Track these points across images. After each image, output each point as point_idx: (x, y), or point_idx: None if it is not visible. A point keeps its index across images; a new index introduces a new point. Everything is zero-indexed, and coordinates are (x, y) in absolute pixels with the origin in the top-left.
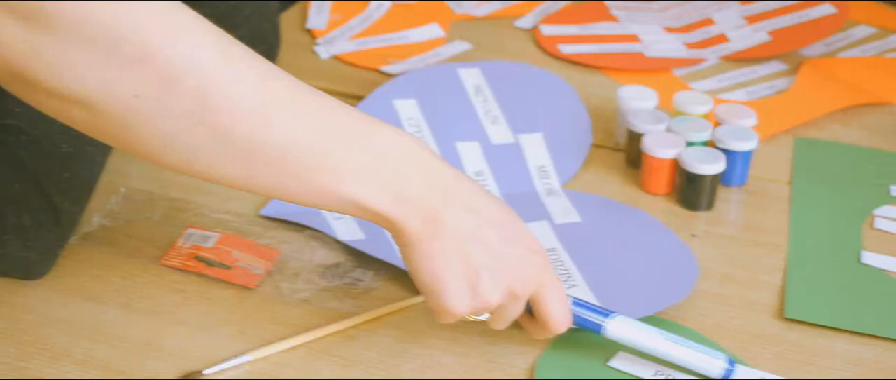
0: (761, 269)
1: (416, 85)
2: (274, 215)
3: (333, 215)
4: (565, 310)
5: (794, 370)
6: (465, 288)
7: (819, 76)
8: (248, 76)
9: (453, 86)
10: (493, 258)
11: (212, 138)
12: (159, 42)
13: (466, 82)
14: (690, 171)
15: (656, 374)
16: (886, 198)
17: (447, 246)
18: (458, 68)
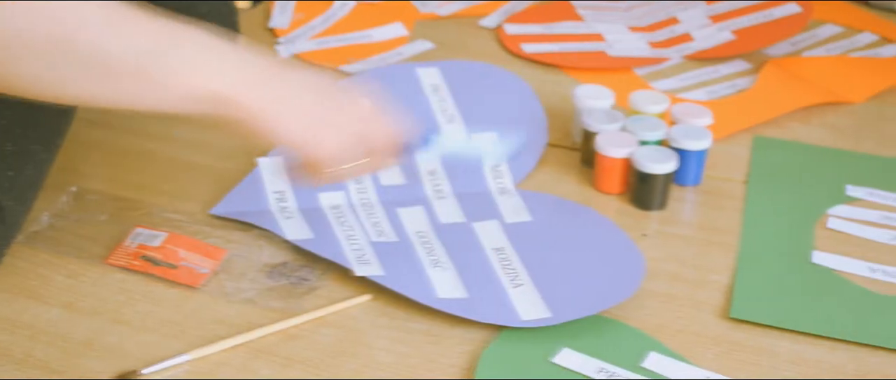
0: (711, 268)
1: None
2: (224, 215)
3: (283, 215)
4: (395, 139)
5: (736, 370)
6: (323, 127)
7: (781, 75)
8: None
9: (411, 85)
10: (325, 110)
11: (70, 61)
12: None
13: (424, 81)
14: (642, 170)
15: (599, 372)
16: (842, 197)
17: (292, 105)
18: (416, 68)
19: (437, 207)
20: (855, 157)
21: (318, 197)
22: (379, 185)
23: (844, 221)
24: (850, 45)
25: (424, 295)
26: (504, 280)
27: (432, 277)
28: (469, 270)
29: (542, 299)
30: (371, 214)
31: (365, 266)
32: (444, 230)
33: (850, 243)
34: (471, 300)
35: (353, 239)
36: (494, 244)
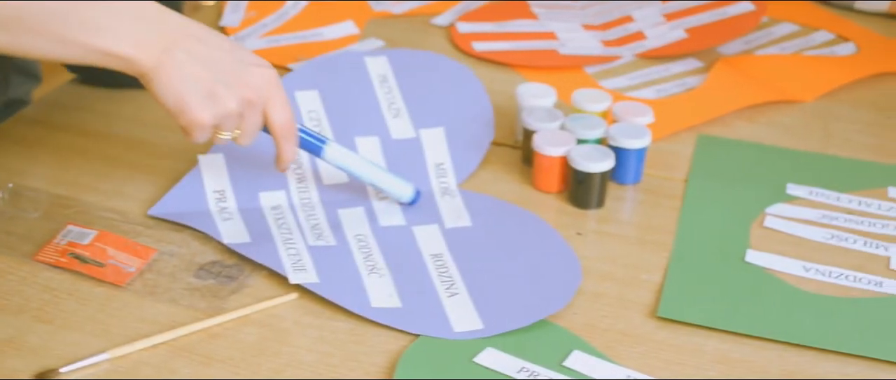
0: (643, 267)
1: (321, 73)
2: (161, 216)
3: (221, 217)
4: (290, 117)
5: (661, 369)
6: (205, 98)
7: (731, 74)
8: None
9: (359, 75)
10: (225, 73)
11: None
12: None
13: (372, 72)
14: (578, 168)
15: (520, 371)
16: (782, 196)
17: (184, 70)
18: (365, 56)
19: (377, 208)
20: (798, 155)
21: (259, 196)
22: (321, 185)
23: (782, 219)
24: (804, 44)
25: (358, 304)
26: (439, 289)
27: (368, 285)
28: (405, 277)
29: (475, 310)
30: (311, 215)
31: (300, 273)
32: (383, 234)
33: (786, 242)
34: (404, 311)
35: (291, 243)
36: (433, 250)
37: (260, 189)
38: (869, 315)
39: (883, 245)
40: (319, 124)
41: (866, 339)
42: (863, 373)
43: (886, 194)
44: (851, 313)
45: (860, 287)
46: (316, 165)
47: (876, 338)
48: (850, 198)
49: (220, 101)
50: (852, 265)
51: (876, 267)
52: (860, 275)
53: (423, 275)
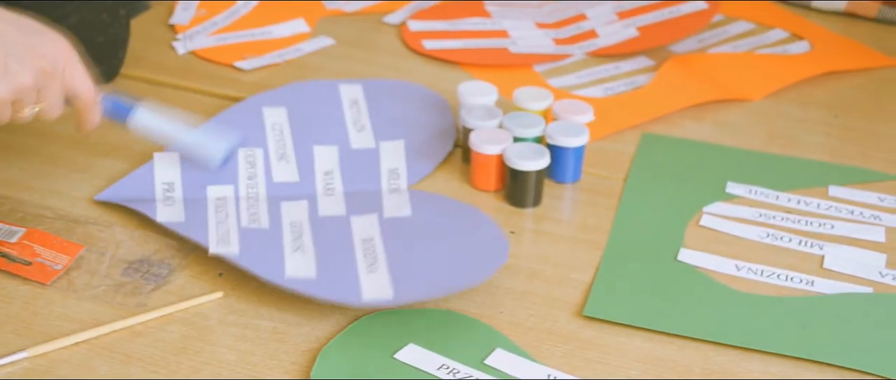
0: (574, 266)
1: (292, 95)
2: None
3: (162, 198)
4: (90, 85)
5: (582, 368)
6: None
7: (680, 72)
8: None
9: (331, 99)
10: (17, 45)
11: None
12: None
13: (344, 96)
14: (513, 167)
15: (440, 368)
16: (721, 195)
17: None
18: (339, 84)
19: (321, 201)
20: (741, 154)
21: (207, 189)
22: (270, 181)
23: (718, 218)
24: (758, 42)
25: (272, 274)
26: (361, 266)
27: (287, 258)
28: (328, 254)
29: (390, 282)
30: (252, 204)
31: (222, 246)
32: (320, 222)
33: (721, 241)
34: (316, 280)
35: (222, 224)
36: (365, 235)
37: (209, 183)
38: (797, 315)
39: (818, 244)
40: (281, 134)
41: (791, 338)
42: (786, 373)
43: (827, 193)
44: (779, 312)
45: (792, 286)
46: (269, 165)
47: (801, 337)
48: (790, 197)
49: (14, 75)
50: (786, 264)
51: (809, 266)
52: (793, 274)
53: (348, 254)
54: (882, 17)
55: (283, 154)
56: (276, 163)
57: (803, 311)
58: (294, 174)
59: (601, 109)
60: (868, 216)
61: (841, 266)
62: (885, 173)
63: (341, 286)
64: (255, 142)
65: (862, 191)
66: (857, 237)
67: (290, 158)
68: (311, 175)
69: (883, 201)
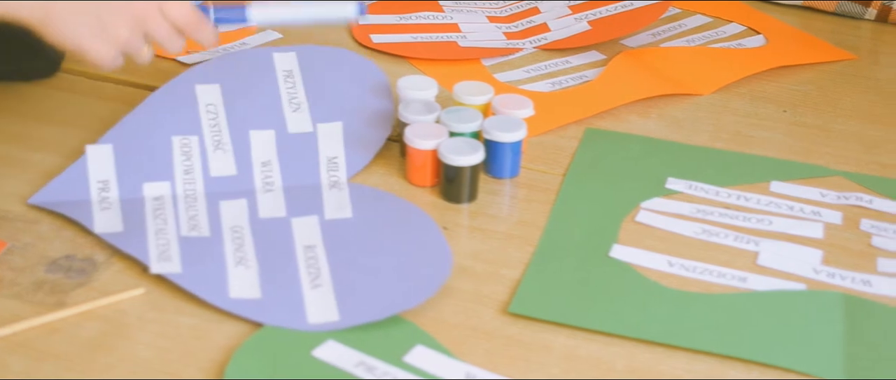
0: (504, 263)
1: (226, 68)
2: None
3: (100, 207)
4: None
5: (503, 366)
6: (97, 34)
7: (629, 67)
8: None
9: (264, 70)
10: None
11: None
12: None
13: (278, 67)
14: (447, 162)
15: (358, 365)
16: (660, 190)
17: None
18: (273, 52)
19: (260, 200)
20: (684, 149)
21: (143, 187)
22: (208, 176)
23: (655, 214)
24: (714, 36)
25: (216, 295)
26: (304, 281)
27: (231, 276)
28: (272, 269)
29: (335, 302)
30: (191, 206)
31: (164, 263)
32: (260, 226)
33: (655, 237)
34: (262, 302)
35: (163, 233)
36: (307, 241)
37: (145, 179)
38: (725, 311)
39: (754, 240)
40: (216, 117)
41: (718, 335)
42: (710, 370)
43: (768, 189)
44: (708, 309)
45: (723, 283)
46: (205, 156)
47: (728, 334)
48: (730, 192)
49: (111, 30)
50: (719, 261)
51: (743, 262)
52: (725, 270)
53: (291, 267)
54: (840, 11)
55: (219, 142)
56: (213, 153)
57: (732, 308)
58: (231, 167)
59: (545, 104)
60: (808, 212)
61: (775, 262)
62: (828, 169)
63: (286, 308)
64: (190, 128)
65: (804, 187)
66: (795, 233)
67: (227, 147)
68: (249, 167)
69: (825, 197)
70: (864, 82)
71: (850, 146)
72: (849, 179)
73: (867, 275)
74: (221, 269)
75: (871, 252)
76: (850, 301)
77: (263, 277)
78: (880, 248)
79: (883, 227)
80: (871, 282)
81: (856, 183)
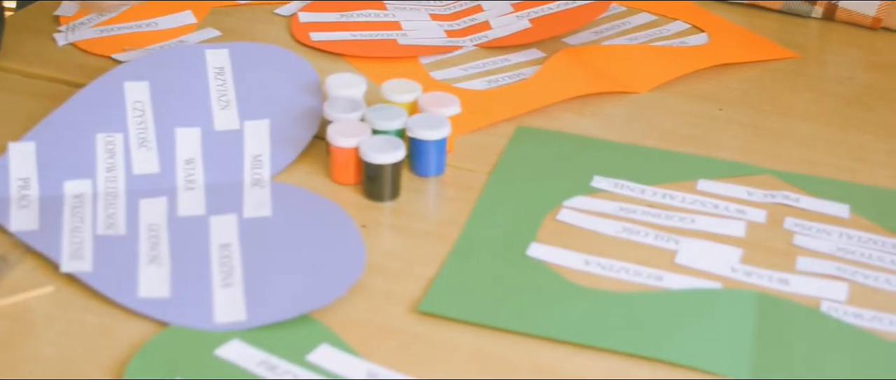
0: (419, 261)
1: (157, 65)
2: None
3: (19, 205)
4: None
5: (408, 364)
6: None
7: (567, 64)
8: None
9: (196, 67)
10: None
11: None
12: None
13: (210, 64)
14: (367, 160)
15: (260, 364)
16: (585, 189)
17: None
18: (206, 49)
19: (181, 198)
20: (614, 147)
21: (64, 185)
22: (131, 174)
23: (577, 212)
24: (657, 34)
25: (124, 294)
26: (215, 279)
27: (141, 274)
28: (184, 267)
29: (244, 301)
30: (110, 204)
31: (75, 262)
32: (178, 224)
33: (575, 236)
34: (170, 301)
35: (78, 231)
36: (223, 240)
37: (66, 177)
38: (637, 310)
39: (674, 239)
40: (143, 114)
41: (627, 334)
42: (617, 369)
43: (695, 187)
44: (620, 307)
45: (639, 281)
46: (129, 153)
47: (635, 333)
48: (655, 190)
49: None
50: (637, 259)
51: (661, 261)
52: (642, 269)
53: (204, 265)
54: (787, 9)
55: (144, 140)
56: (137, 151)
57: (644, 306)
58: (155, 164)
59: (478, 102)
60: (733, 211)
61: (693, 261)
62: (757, 167)
63: (194, 307)
64: (115, 125)
65: (732, 185)
66: (716, 232)
67: (152, 145)
68: (173, 164)
69: (751, 196)
70: (804, 80)
71: (782, 144)
72: (778, 177)
73: (785, 274)
74: (133, 267)
75: (791, 251)
76: (765, 300)
77: (174, 276)
78: (801, 246)
79: (807, 225)
80: (788, 281)
81: (784, 181)
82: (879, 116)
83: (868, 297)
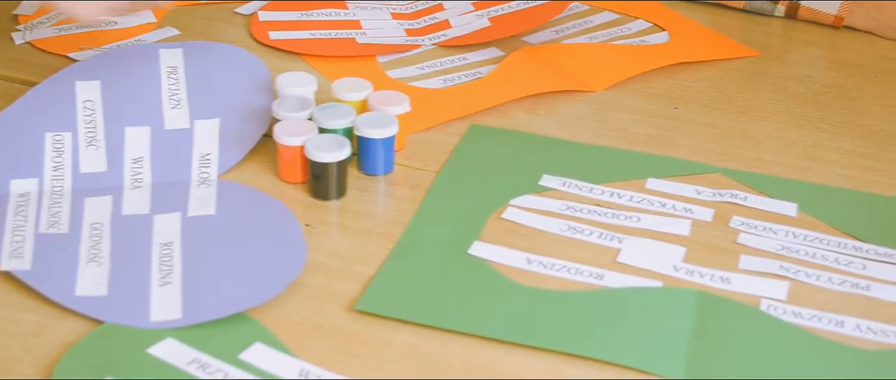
0: (360, 260)
1: (110, 64)
2: None
3: None
4: None
5: (339, 363)
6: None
7: (524, 63)
8: None
9: (149, 66)
10: None
11: None
12: None
13: (164, 63)
14: (312, 159)
15: (191, 363)
16: (533, 187)
17: None
18: (160, 48)
19: (127, 197)
20: (565, 146)
21: (10, 184)
22: (78, 173)
23: (523, 211)
24: (618, 33)
25: (61, 293)
26: (154, 278)
27: (80, 273)
28: (124, 266)
29: (181, 299)
30: (55, 203)
31: (14, 260)
32: (121, 223)
33: (519, 234)
34: (107, 299)
35: (20, 230)
36: (165, 239)
37: (13, 176)
38: (573, 309)
39: (618, 237)
40: (93, 113)
41: (561, 333)
42: (550, 369)
43: (644, 186)
44: (556, 306)
45: (579, 280)
46: (77, 152)
47: (571, 332)
48: (604, 189)
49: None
50: (579, 258)
51: (603, 260)
52: (583, 268)
53: (144, 264)
54: (750, 8)
55: (93, 139)
56: (85, 149)
57: (583, 305)
58: (102, 163)
59: (431, 100)
60: (680, 209)
61: (635, 260)
62: (708, 165)
63: (130, 306)
64: (64, 124)
65: (681, 183)
66: (661, 230)
67: (100, 144)
68: (121, 163)
69: (700, 194)
70: (762, 79)
71: (736, 143)
72: (728, 175)
73: (726, 272)
74: (73, 266)
75: (735, 249)
76: (704, 299)
77: (113, 275)
78: (745, 245)
79: (753, 224)
80: (729, 279)
81: (734, 180)
82: (836, 114)
83: (809, 296)
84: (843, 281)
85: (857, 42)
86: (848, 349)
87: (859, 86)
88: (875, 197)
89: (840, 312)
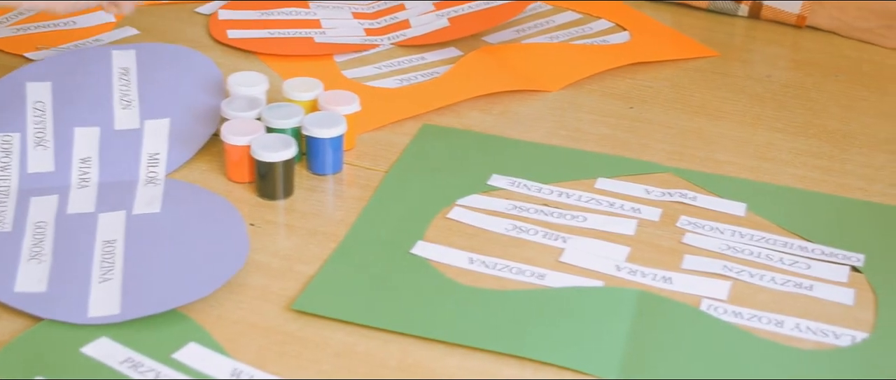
0: (302, 259)
1: (62, 65)
2: None
3: None
4: None
5: (274, 362)
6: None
7: (481, 62)
8: None
9: (101, 68)
10: None
11: None
12: None
13: (115, 64)
14: (258, 158)
15: (124, 362)
16: (481, 187)
17: None
18: (112, 50)
19: (72, 196)
20: (516, 145)
21: None
22: (25, 172)
23: (469, 211)
24: (579, 33)
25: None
26: (94, 274)
27: (21, 270)
28: (65, 263)
29: (120, 295)
30: (1, 201)
31: None
32: (65, 221)
33: (463, 234)
34: (46, 296)
35: None
36: (108, 237)
37: None
38: (512, 309)
39: (562, 237)
40: (43, 114)
41: (498, 333)
42: (484, 369)
43: (593, 185)
44: (496, 306)
45: (521, 279)
46: (25, 152)
47: (508, 332)
48: (552, 189)
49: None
50: (522, 258)
51: (546, 259)
52: (525, 267)
53: (85, 261)
54: (714, 8)
55: (41, 139)
56: (33, 150)
57: (521, 305)
58: (50, 163)
59: (383, 100)
60: (627, 209)
61: (578, 259)
62: (659, 165)
63: (68, 302)
64: (14, 125)
65: (631, 183)
66: (607, 230)
67: (49, 144)
68: (68, 163)
69: (649, 194)
70: (721, 79)
71: (688, 142)
72: (679, 175)
73: (669, 272)
74: (13, 263)
75: (679, 249)
76: (644, 299)
77: (54, 272)
78: (690, 244)
79: (700, 224)
80: (671, 279)
81: (685, 179)
82: (792, 114)
83: (751, 295)
84: (787, 281)
85: (819, 42)
86: (785, 349)
87: (819, 86)
88: (825, 197)
89: (781, 311)
